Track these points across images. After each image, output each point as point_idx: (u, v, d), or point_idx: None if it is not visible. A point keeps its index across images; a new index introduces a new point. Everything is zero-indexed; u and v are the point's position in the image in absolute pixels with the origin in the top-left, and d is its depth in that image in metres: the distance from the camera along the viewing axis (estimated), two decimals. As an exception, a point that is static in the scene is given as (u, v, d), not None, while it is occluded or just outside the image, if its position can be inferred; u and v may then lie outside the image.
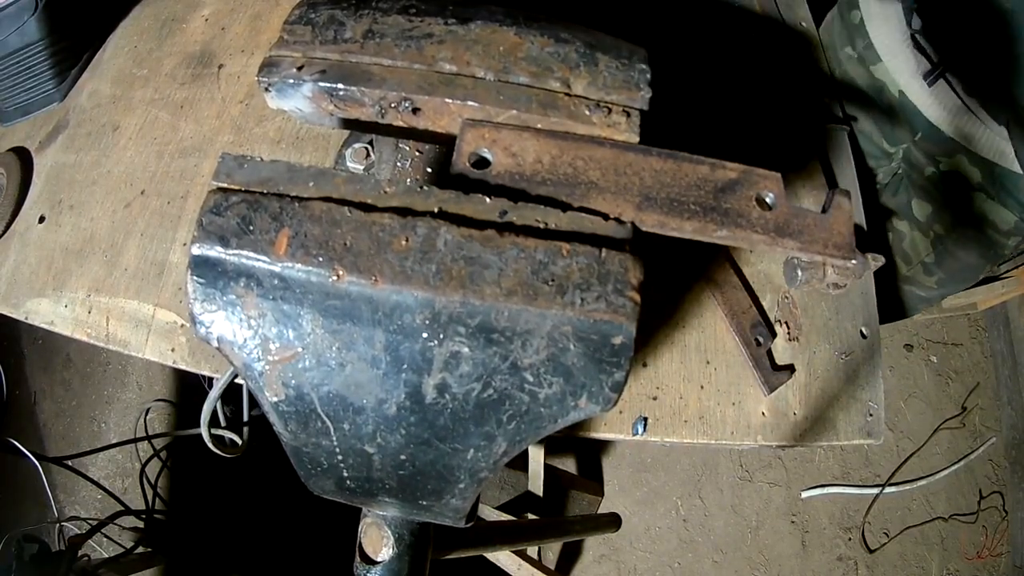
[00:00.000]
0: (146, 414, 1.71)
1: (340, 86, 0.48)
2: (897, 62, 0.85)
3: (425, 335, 0.38)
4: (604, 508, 1.64)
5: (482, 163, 0.44)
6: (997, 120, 0.77)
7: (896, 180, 0.98)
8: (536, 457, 1.32)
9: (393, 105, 0.48)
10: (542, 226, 0.39)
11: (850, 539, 1.66)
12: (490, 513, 1.30)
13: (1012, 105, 0.75)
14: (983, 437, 1.75)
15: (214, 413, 0.68)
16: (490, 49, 0.48)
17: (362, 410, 0.40)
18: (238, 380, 0.61)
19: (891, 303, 1.11)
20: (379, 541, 0.52)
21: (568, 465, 1.69)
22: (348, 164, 0.68)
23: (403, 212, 0.38)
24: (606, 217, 0.40)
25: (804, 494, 1.68)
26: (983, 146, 0.80)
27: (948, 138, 0.83)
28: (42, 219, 0.76)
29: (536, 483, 1.36)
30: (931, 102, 0.83)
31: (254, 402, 0.57)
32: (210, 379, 0.69)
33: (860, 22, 0.90)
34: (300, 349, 0.39)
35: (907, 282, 1.07)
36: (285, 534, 1.57)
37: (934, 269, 1.01)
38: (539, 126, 0.46)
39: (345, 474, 0.44)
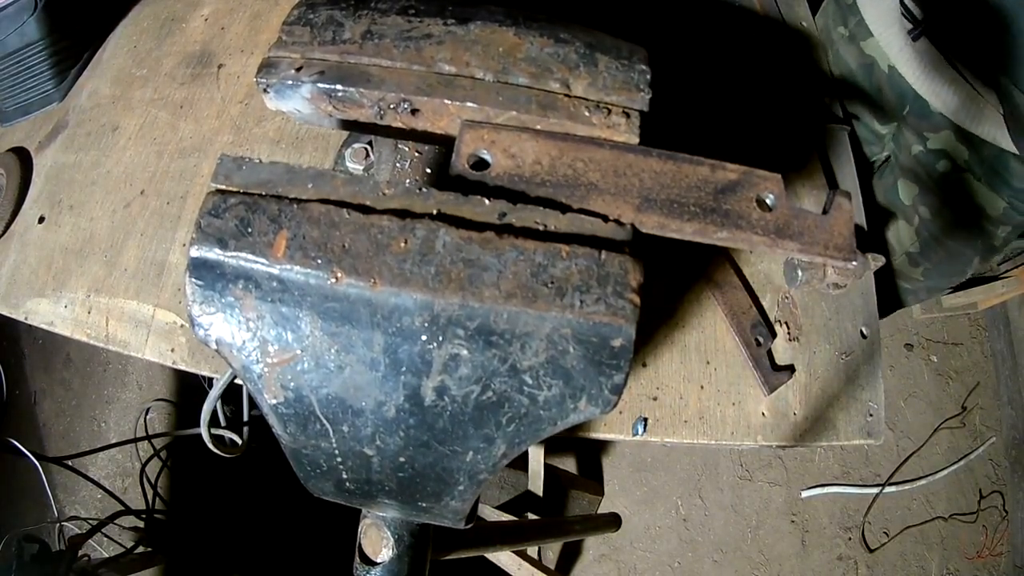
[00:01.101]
0: (146, 414, 1.71)
1: (338, 87, 0.47)
2: (887, 35, 0.85)
3: (424, 337, 0.38)
4: (604, 508, 1.64)
5: (481, 164, 0.44)
6: (985, 83, 0.76)
7: (883, 166, 0.98)
8: (536, 457, 1.32)
9: (392, 106, 0.48)
10: (541, 228, 0.39)
11: (850, 539, 1.65)
12: (490, 513, 1.30)
13: (999, 69, 0.73)
14: (983, 437, 1.75)
15: (214, 413, 0.68)
16: (489, 50, 0.48)
17: (361, 412, 0.40)
18: (238, 380, 0.61)
19: (884, 296, 1.10)
20: (379, 542, 0.52)
21: (568, 465, 1.69)
22: (347, 165, 0.68)
23: (402, 214, 0.38)
24: (606, 219, 0.40)
25: (804, 494, 1.68)
26: (970, 122, 0.79)
27: (935, 112, 0.82)
28: (42, 219, 0.76)
29: (536, 483, 1.36)
30: (919, 75, 0.82)
31: (254, 402, 0.57)
32: (210, 379, 0.69)
33: (853, 2, 0.90)
34: (299, 351, 0.39)
35: (893, 276, 1.07)
36: (285, 534, 1.57)
37: (919, 259, 1.00)
38: (538, 127, 0.46)
39: (344, 476, 0.44)
